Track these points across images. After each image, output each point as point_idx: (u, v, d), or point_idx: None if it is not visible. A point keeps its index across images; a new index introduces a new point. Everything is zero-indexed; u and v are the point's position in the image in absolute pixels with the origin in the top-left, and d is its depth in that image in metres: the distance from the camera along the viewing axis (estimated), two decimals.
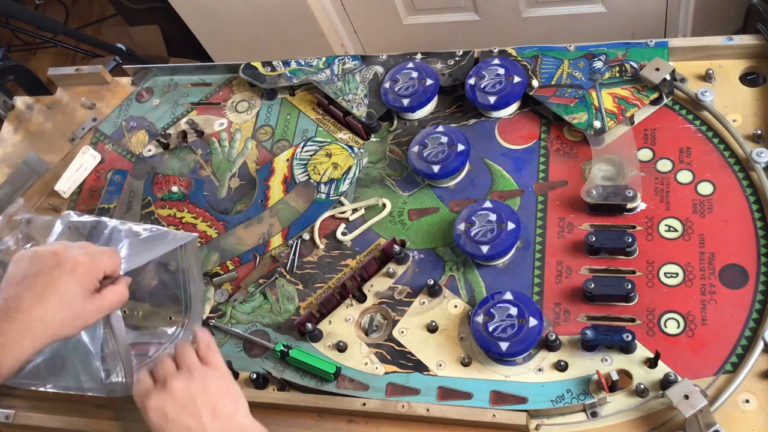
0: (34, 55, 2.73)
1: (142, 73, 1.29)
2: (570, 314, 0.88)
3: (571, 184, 0.96)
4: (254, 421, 0.79)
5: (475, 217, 0.93)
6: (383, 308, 0.95)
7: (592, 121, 0.96)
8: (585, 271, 0.91)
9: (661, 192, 0.92)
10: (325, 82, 1.13)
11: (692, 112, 0.97)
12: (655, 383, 0.81)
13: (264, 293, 1.01)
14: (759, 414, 0.78)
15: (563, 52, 1.04)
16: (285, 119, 1.15)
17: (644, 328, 0.85)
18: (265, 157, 1.12)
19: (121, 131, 1.24)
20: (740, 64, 0.98)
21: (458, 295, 0.93)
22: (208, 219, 1.10)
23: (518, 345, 0.84)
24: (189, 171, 1.16)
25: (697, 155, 0.94)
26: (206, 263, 1.05)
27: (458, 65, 1.08)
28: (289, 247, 1.03)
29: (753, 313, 0.83)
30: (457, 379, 0.87)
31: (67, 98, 1.33)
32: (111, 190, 1.18)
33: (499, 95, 1.02)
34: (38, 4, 2.81)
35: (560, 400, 0.83)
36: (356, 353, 0.93)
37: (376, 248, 1.00)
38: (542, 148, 1.00)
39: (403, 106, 1.06)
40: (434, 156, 0.99)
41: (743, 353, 0.81)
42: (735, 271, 0.85)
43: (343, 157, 1.07)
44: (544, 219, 0.95)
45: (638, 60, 0.99)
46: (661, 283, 0.87)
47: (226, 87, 1.22)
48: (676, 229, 0.90)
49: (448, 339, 0.91)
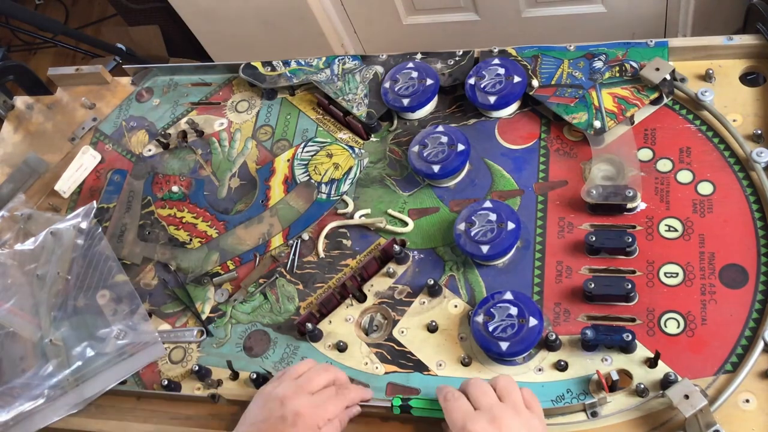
0: (34, 55, 2.73)
1: (142, 73, 1.29)
2: (570, 314, 0.88)
3: (571, 184, 0.96)
4: None
5: (475, 217, 0.93)
6: (383, 308, 0.95)
7: (592, 121, 0.96)
8: (585, 271, 0.91)
9: (661, 192, 0.92)
10: (325, 82, 1.13)
11: (692, 112, 0.97)
12: (655, 383, 0.81)
13: (264, 293, 1.01)
14: (759, 414, 0.78)
15: (563, 52, 1.04)
16: (285, 119, 1.15)
17: (644, 328, 0.85)
18: (265, 157, 1.12)
19: (121, 131, 1.24)
20: (740, 64, 0.98)
21: (458, 295, 0.93)
22: (208, 219, 1.10)
23: (518, 345, 0.84)
24: (189, 171, 1.16)
25: (697, 155, 0.94)
26: (206, 263, 1.06)
27: (458, 65, 1.08)
28: (289, 247, 1.03)
29: (753, 313, 0.83)
30: (457, 379, 0.87)
31: (67, 98, 1.33)
32: (111, 190, 1.18)
33: (499, 95, 1.02)
34: (38, 4, 2.81)
35: (560, 399, 0.83)
36: (356, 353, 0.93)
37: (376, 248, 1.00)
38: (542, 148, 1.00)
39: (403, 105, 1.06)
40: (434, 156, 0.99)
41: (743, 353, 0.81)
42: (735, 271, 0.85)
43: (344, 157, 1.07)
44: (544, 219, 0.95)
45: (638, 60, 0.99)
46: (661, 283, 0.87)
47: (226, 87, 1.22)
48: (676, 228, 0.90)
49: (448, 339, 0.91)
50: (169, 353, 1.00)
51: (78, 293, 1.06)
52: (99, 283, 1.06)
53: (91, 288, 1.06)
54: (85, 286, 1.06)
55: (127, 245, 1.11)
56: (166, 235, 1.10)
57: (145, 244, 1.11)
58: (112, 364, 0.99)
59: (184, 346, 1.00)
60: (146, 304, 1.05)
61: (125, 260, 1.10)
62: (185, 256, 1.07)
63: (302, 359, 0.93)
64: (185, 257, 1.07)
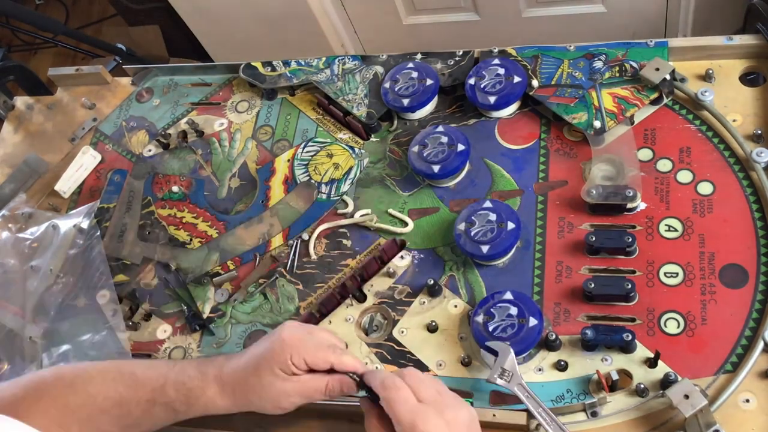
0: (34, 55, 2.73)
1: (142, 73, 1.29)
2: (570, 314, 0.88)
3: (571, 184, 0.96)
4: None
5: (475, 216, 0.93)
6: (383, 308, 0.95)
7: (592, 121, 0.96)
8: (585, 270, 0.91)
9: (661, 192, 0.92)
10: (325, 82, 1.13)
11: (692, 112, 0.97)
12: (655, 383, 0.81)
13: (264, 293, 1.01)
14: (759, 414, 0.78)
15: (563, 52, 1.04)
16: (285, 119, 1.15)
17: (644, 327, 0.85)
18: (265, 157, 1.12)
19: (121, 131, 1.24)
20: (740, 64, 0.98)
21: (458, 295, 0.93)
22: (208, 219, 1.10)
23: (518, 345, 0.84)
24: (189, 171, 1.16)
25: (697, 155, 0.94)
26: (206, 263, 1.06)
27: (458, 65, 1.08)
28: (289, 247, 1.03)
29: (753, 313, 0.83)
30: (457, 379, 0.87)
31: (67, 98, 1.33)
32: (111, 190, 1.18)
33: (499, 95, 1.02)
34: (38, 4, 2.81)
35: (560, 399, 0.83)
36: (356, 353, 0.93)
37: (376, 248, 1.00)
38: (542, 148, 1.00)
39: (403, 106, 1.06)
40: (434, 156, 0.99)
41: (743, 353, 0.81)
42: (735, 271, 0.85)
43: (344, 157, 1.07)
44: (544, 219, 0.95)
45: (638, 60, 0.99)
46: (661, 282, 0.87)
47: (226, 87, 1.22)
48: (676, 228, 0.90)
49: (448, 339, 0.91)
50: (170, 353, 1.00)
51: (65, 294, 1.06)
52: (84, 291, 1.06)
53: (78, 292, 1.06)
54: (76, 288, 1.07)
55: (127, 245, 1.11)
56: (166, 235, 1.10)
57: (145, 244, 1.11)
58: None
59: (184, 346, 1.00)
60: (146, 304, 1.05)
61: (125, 260, 1.10)
62: (185, 256, 1.07)
63: None
64: (185, 257, 1.07)
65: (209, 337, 1.00)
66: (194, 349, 1.00)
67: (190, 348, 1.00)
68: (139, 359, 0.99)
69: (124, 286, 1.07)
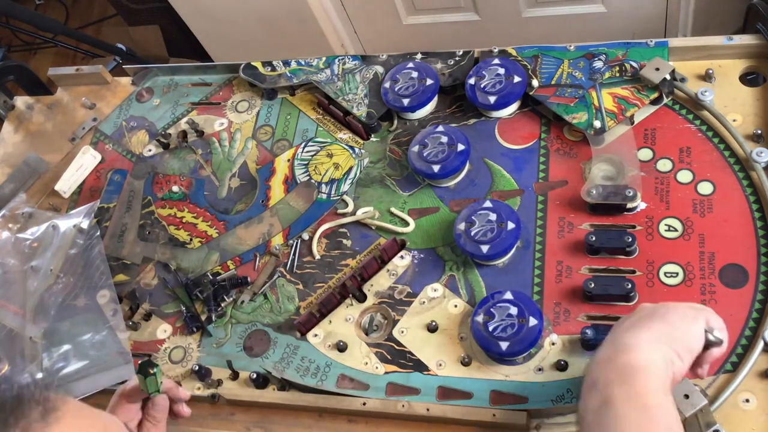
0: (34, 55, 2.73)
1: (142, 73, 1.29)
2: (570, 314, 0.88)
3: (571, 184, 0.96)
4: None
5: (475, 216, 0.93)
6: (383, 308, 0.95)
7: (592, 121, 0.96)
8: (585, 270, 0.91)
9: (661, 192, 0.92)
10: (325, 82, 1.13)
11: (692, 111, 0.97)
12: None
13: (264, 293, 1.01)
14: (759, 414, 0.78)
15: (563, 52, 1.04)
16: (285, 119, 1.15)
17: None
18: (265, 157, 1.12)
19: (122, 131, 1.24)
20: (740, 64, 0.98)
21: (458, 295, 0.93)
22: (208, 219, 1.10)
23: (518, 345, 0.84)
24: (189, 171, 1.16)
25: (697, 155, 0.94)
26: (206, 263, 1.06)
27: (458, 65, 1.08)
28: (289, 247, 1.03)
29: (753, 313, 0.83)
30: (457, 379, 0.87)
31: (67, 98, 1.33)
32: (111, 189, 1.18)
33: (499, 95, 1.02)
34: (38, 4, 2.81)
35: (560, 399, 0.83)
36: (356, 353, 0.93)
37: (376, 248, 1.00)
38: (542, 147, 1.00)
39: (403, 105, 1.06)
40: (434, 156, 0.99)
41: (743, 353, 0.81)
42: (735, 271, 0.85)
43: (344, 157, 1.07)
44: (544, 219, 0.95)
45: (638, 60, 0.99)
46: (661, 282, 0.87)
47: (226, 87, 1.22)
48: (676, 228, 0.90)
49: (448, 339, 0.91)
50: (170, 353, 1.00)
51: (65, 294, 1.06)
52: (85, 290, 1.06)
53: (78, 292, 1.06)
54: (76, 288, 1.07)
55: (128, 245, 1.11)
56: (167, 235, 1.10)
57: (145, 243, 1.11)
58: (82, 376, 0.99)
59: (184, 346, 1.00)
60: (146, 304, 1.05)
61: (125, 260, 1.10)
62: (185, 256, 1.07)
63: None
64: (185, 257, 1.07)
65: (209, 337, 1.00)
66: (194, 349, 1.00)
67: (190, 348, 1.00)
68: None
69: (124, 286, 1.07)
